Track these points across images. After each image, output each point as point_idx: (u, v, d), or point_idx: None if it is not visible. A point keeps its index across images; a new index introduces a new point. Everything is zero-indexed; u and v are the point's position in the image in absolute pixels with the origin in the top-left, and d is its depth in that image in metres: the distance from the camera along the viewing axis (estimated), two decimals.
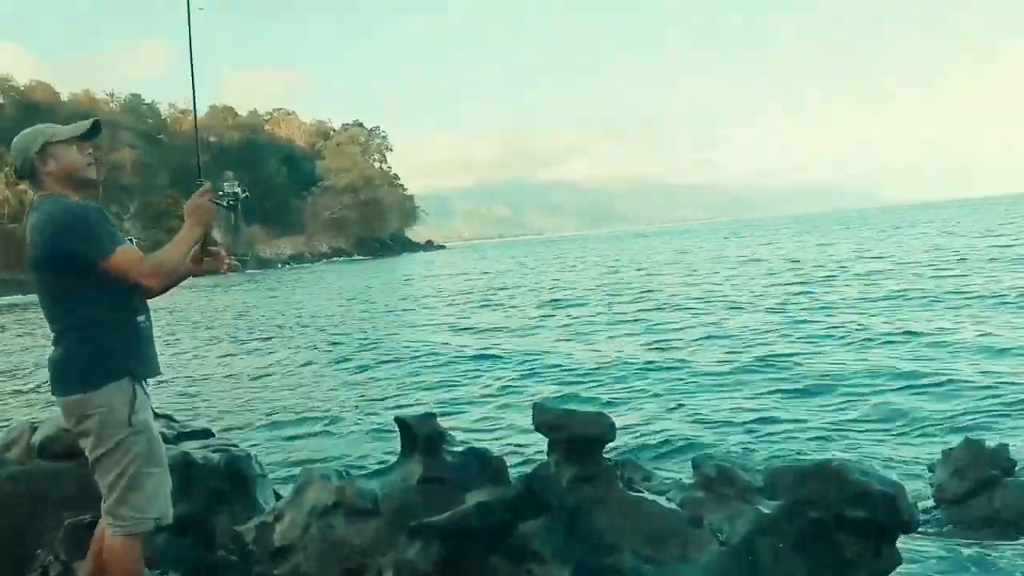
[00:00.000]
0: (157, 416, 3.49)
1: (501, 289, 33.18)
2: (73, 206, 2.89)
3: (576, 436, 2.91)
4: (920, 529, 3.76)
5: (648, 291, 25.57)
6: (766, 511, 2.60)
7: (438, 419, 3.45)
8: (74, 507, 3.35)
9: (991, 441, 6.18)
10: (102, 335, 2.90)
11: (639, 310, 20.54)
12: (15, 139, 3.04)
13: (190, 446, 4.34)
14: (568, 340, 16.23)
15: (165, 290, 2.98)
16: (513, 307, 24.59)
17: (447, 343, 17.19)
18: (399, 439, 3.48)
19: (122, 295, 2.95)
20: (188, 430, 4.79)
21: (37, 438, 4.35)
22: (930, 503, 5.31)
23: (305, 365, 15.77)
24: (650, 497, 2.83)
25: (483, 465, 3.40)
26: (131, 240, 2.94)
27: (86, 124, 3.14)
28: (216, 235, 3.36)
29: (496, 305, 25.73)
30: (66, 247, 2.80)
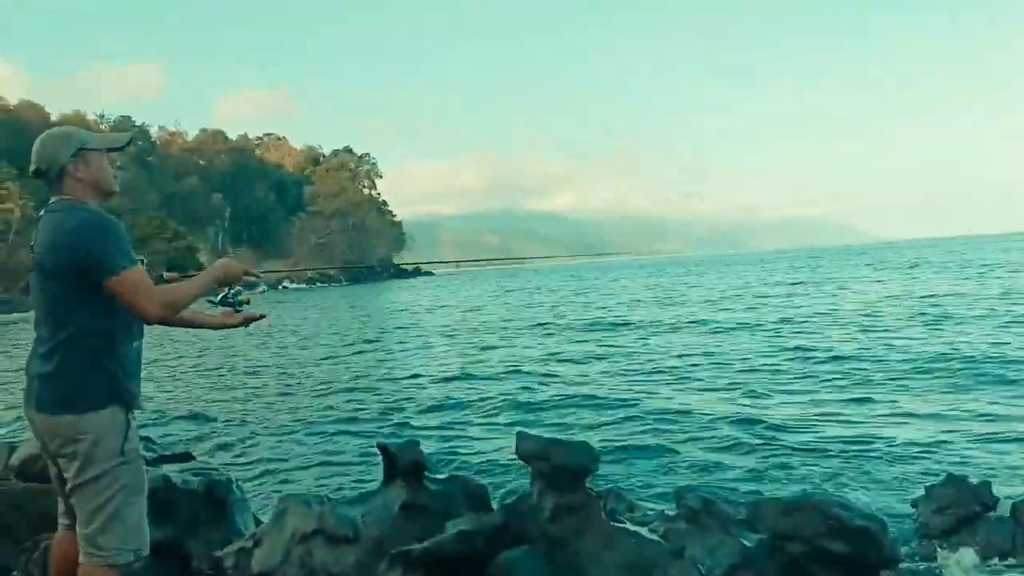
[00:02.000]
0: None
1: (480, 315, 33.18)
2: (103, 215, 2.79)
3: (559, 466, 2.90)
4: (903, 565, 3.76)
5: (626, 323, 25.62)
6: (748, 544, 2.60)
7: (421, 446, 3.44)
8: (51, 527, 3.30)
9: (973, 477, 6.20)
10: (101, 357, 2.80)
11: (630, 340, 20.57)
12: (43, 137, 2.92)
13: (169, 469, 4.31)
14: (556, 369, 16.21)
15: (158, 322, 2.87)
16: (500, 334, 24.58)
17: (433, 371, 17.15)
18: (381, 466, 3.46)
19: (127, 318, 2.86)
20: (168, 453, 4.76)
21: (15, 459, 4.31)
22: (913, 539, 5.31)
23: (287, 391, 15.67)
24: (632, 528, 2.82)
25: (465, 493, 3.38)
26: (142, 260, 2.85)
27: (123, 138, 3.13)
28: (202, 258, 3.33)
29: (484, 332, 25.71)
30: (90, 255, 2.68)
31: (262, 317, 3.25)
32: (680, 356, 16.93)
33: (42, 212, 2.91)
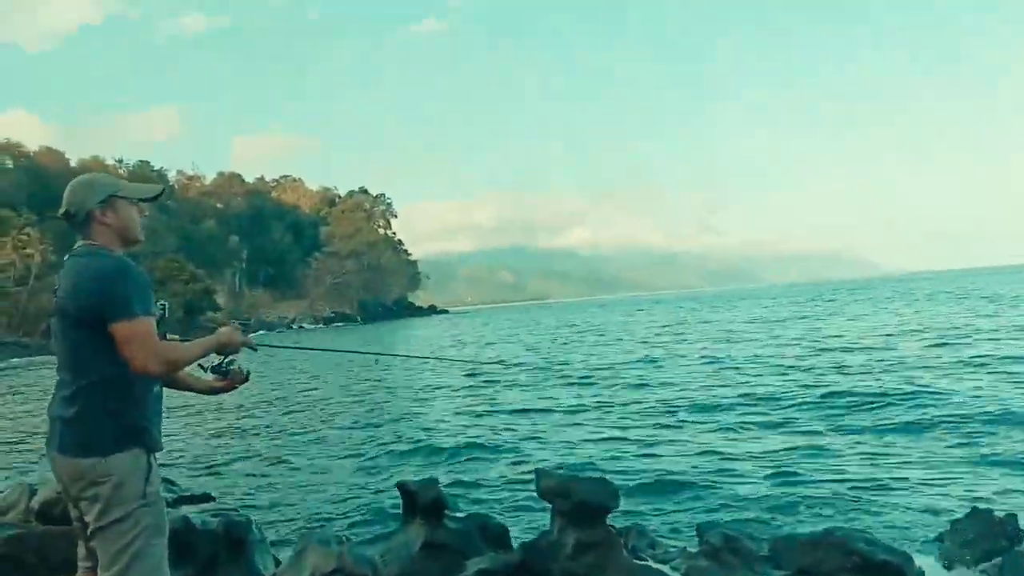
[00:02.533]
0: None
1: (496, 350, 33.12)
2: (127, 261, 2.84)
3: (580, 503, 2.88)
4: None
5: (640, 360, 25.54)
6: None
7: (440, 485, 3.43)
8: (71, 570, 3.30)
9: (999, 511, 6.12)
10: (123, 401, 2.83)
11: (644, 377, 20.49)
12: (74, 182, 2.98)
13: (189, 510, 4.32)
14: (574, 408, 16.15)
15: (154, 377, 2.88)
16: (515, 371, 24.52)
17: (450, 408, 17.13)
18: (401, 505, 3.45)
19: None
20: (188, 494, 4.77)
21: (36, 502, 4.33)
22: (940, 574, 5.22)
23: (304, 430, 15.66)
24: (655, 566, 2.80)
25: (484, 531, 3.37)
26: (163, 304, 2.88)
27: (155, 189, 3.19)
28: (220, 299, 3.39)
29: (500, 372, 25.66)
30: (109, 298, 2.70)
31: (246, 379, 3.26)
32: (695, 391, 16.85)
33: (67, 257, 2.95)
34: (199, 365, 3.15)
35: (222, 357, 3.18)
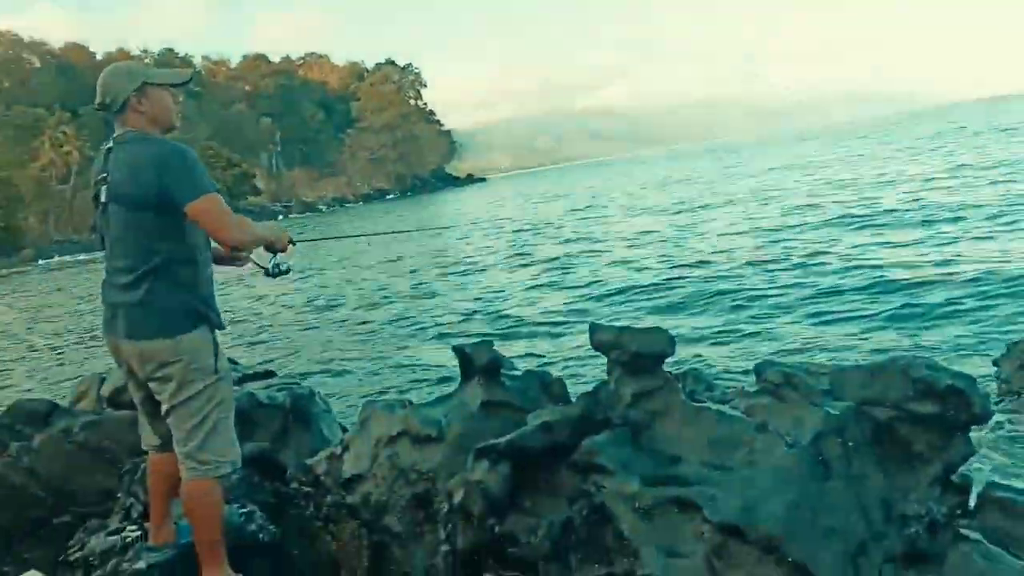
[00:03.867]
0: None
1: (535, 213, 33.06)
2: (180, 145, 2.86)
3: (635, 352, 2.89)
4: (993, 420, 3.72)
5: (681, 210, 25.28)
6: (833, 412, 2.57)
7: (494, 346, 3.45)
8: (146, 452, 3.44)
9: None
10: (187, 281, 2.90)
11: (685, 225, 20.35)
12: (107, 72, 2.99)
13: (254, 387, 4.44)
14: (612, 261, 16.16)
15: (233, 248, 2.99)
16: (553, 236, 24.53)
17: (497, 280, 17.24)
18: (458, 369, 3.49)
19: (205, 243, 2.99)
20: (251, 371, 4.90)
21: (106, 390, 4.48)
22: (997, 397, 5.22)
23: (357, 305, 15.94)
24: (714, 407, 2.81)
25: (544, 387, 3.40)
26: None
27: (185, 74, 3.19)
28: (259, 183, 3.38)
29: (535, 233, 25.67)
30: (175, 182, 2.75)
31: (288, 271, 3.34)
32: (738, 236, 16.70)
33: (109, 144, 2.95)
34: (263, 268, 3.26)
35: (271, 255, 3.22)
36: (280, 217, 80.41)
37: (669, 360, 2.94)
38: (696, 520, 2.50)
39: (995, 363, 6.30)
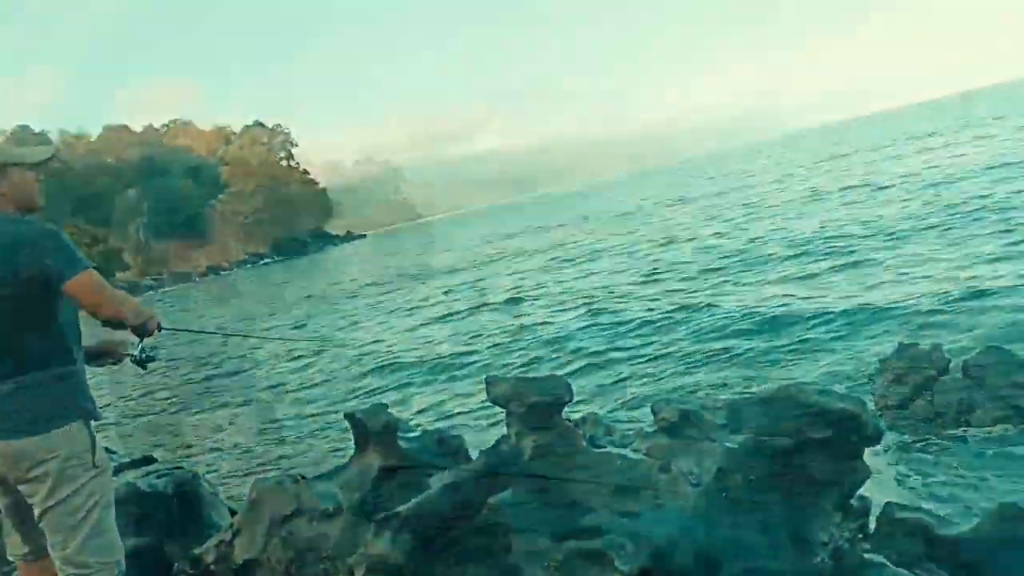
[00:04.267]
0: None
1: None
2: (49, 225, 2.71)
3: (534, 403, 2.85)
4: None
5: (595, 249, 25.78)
6: (732, 446, 2.59)
7: (388, 409, 3.35)
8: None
9: (924, 343, 6.36)
10: (63, 370, 2.74)
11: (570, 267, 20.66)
12: None
13: (134, 475, 4.17)
14: (493, 312, 16.22)
15: (115, 325, 2.78)
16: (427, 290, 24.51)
17: (379, 335, 17.02)
18: (352, 436, 3.37)
19: (77, 329, 2.83)
20: (128, 459, 4.61)
21: None
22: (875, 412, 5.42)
23: (235, 377, 15.38)
24: (615, 451, 2.80)
25: (442, 445, 3.31)
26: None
27: (47, 151, 3.04)
28: (127, 257, 3.20)
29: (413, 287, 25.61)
30: (53, 262, 2.60)
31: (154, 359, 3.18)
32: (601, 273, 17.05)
33: None
34: (131, 356, 3.10)
35: (139, 341, 3.03)
36: (149, 292, 77.45)
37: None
38: (608, 570, 2.46)
39: (870, 378, 6.57)
